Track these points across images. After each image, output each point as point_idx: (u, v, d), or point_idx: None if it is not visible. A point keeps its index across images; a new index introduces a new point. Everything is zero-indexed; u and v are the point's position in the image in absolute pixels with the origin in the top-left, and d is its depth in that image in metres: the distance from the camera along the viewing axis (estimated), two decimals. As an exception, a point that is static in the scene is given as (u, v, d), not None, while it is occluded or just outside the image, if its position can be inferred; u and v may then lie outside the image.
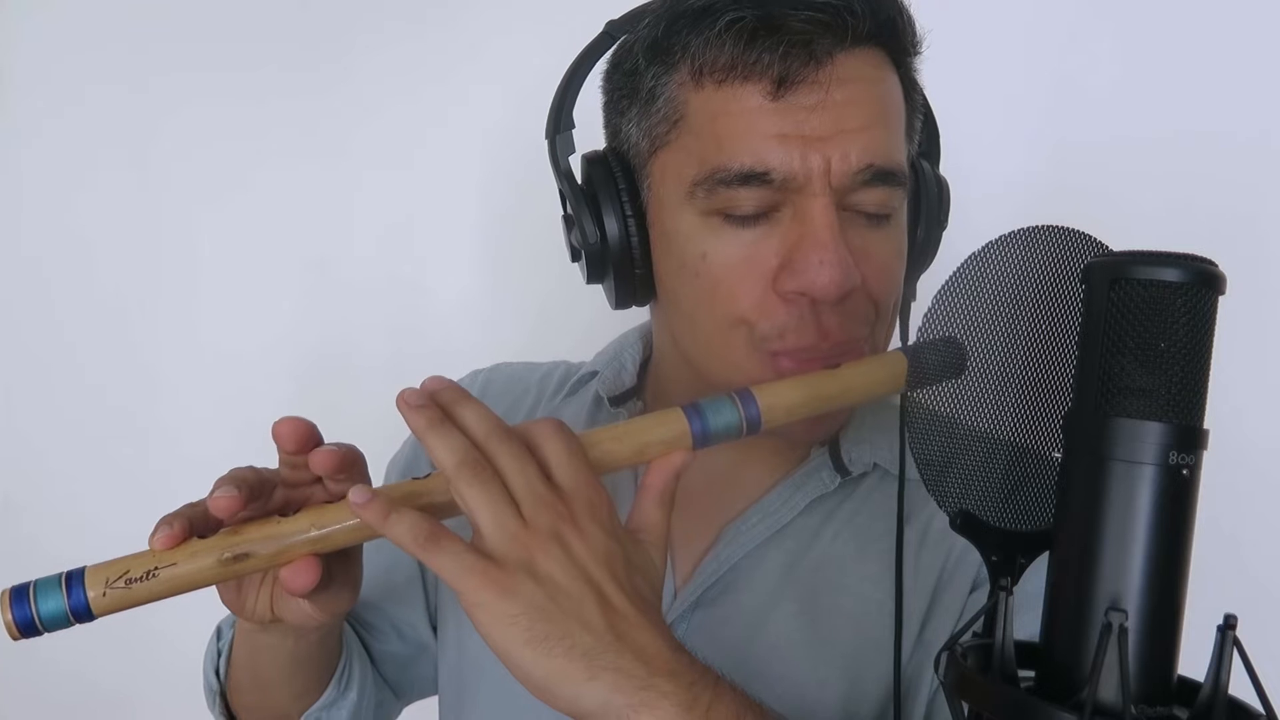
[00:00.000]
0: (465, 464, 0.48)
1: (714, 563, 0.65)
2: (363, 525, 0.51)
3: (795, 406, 0.56)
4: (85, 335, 1.41)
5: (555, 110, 0.65)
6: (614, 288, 0.64)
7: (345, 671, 0.69)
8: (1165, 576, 0.37)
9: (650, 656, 0.46)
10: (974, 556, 0.63)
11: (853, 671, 0.62)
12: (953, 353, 0.44)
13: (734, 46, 0.55)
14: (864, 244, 0.58)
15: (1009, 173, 1.03)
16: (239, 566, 0.51)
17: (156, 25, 1.35)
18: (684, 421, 0.53)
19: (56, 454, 1.42)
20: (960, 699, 0.39)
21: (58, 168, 1.41)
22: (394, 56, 1.25)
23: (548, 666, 0.44)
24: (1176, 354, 0.37)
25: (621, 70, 0.62)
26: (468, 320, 1.26)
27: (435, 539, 0.46)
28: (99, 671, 1.40)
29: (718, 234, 0.58)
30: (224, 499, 0.50)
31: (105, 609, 0.49)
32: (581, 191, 0.63)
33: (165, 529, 0.50)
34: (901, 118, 0.61)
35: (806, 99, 0.55)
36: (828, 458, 0.66)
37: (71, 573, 0.50)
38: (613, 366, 0.74)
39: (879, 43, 0.58)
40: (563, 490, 0.49)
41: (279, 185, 1.31)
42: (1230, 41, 0.98)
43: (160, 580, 0.50)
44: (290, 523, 0.52)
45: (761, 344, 0.59)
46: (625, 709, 0.44)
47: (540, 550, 0.46)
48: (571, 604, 0.46)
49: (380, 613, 0.76)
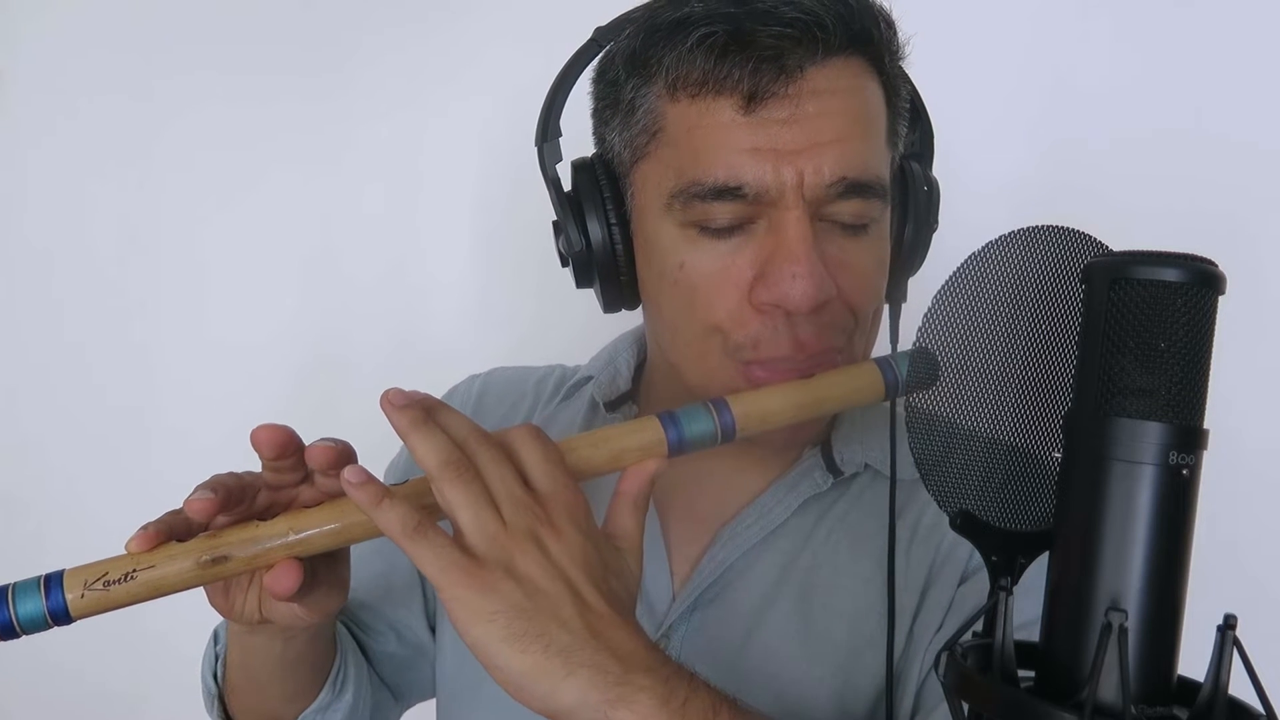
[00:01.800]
0: (449, 464, 0.48)
1: (710, 564, 0.65)
2: (339, 530, 0.52)
3: (770, 415, 0.57)
4: (88, 334, 1.42)
5: (544, 118, 0.65)
6: (601, 293, 0.65)
7: (340, 674, 0.69)
8: (1165, 576, 0.37)
9: (626, 654, 0.46)
10: (962, 551, 0.64)
11: (847, 667, 0.63)
12: (925, 364, 0.44)
13: (705, 61, 0.56)
14: (841, 254, 0.58)
15: (1004, 172, 1.03)
16: (217, 570, 0.51)
17: (160, 28, 1.35)
18: (659, 429, 0.54)
19: (59, 452, 1.42)
20: (960, 699, 0.39)
21: (61, 168, 1.42)
22: (393, 60, 1.26)
23: (525, 663, 0.45)
24: (1176, 354, 0.37)
25: (605, 80, 0.63)
26: (465, 321, 1.26)
27: (422, 531, 0.47)
28: (103, 673, 1.40)
29: (694, 245, 0.59)
30: (199, 502, 0.51)
31: (83, 611, 0.50)
32: (568, 198, 0.63)
33: (142, 533, 0.51)
34: (881, 126, 0.60)
35: (778, 113, 0.56)
36: (820, 458, 0.67)
37: (50, 575, 0.50)
38: (608, 371, 0.74)
39: (854, 52, 0.58)
40: (540, 493, 0.50)
41: (279, 187, 1.32)
42: (1226, 41, 0.97)
43: (138, 583, 0.50)
44: (268, 526, 0.52)
45: (735, 353, 0.59)
46: (602, 704, 0.45)
47: (518, 550, 0.47)
48: (548, 603, 0.46)
49: (378, 614, 0.76)
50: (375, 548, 0.76)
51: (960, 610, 0.62)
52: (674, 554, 0.68)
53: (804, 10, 0.55)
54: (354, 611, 0.76)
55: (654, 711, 0.45)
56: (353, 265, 1.30)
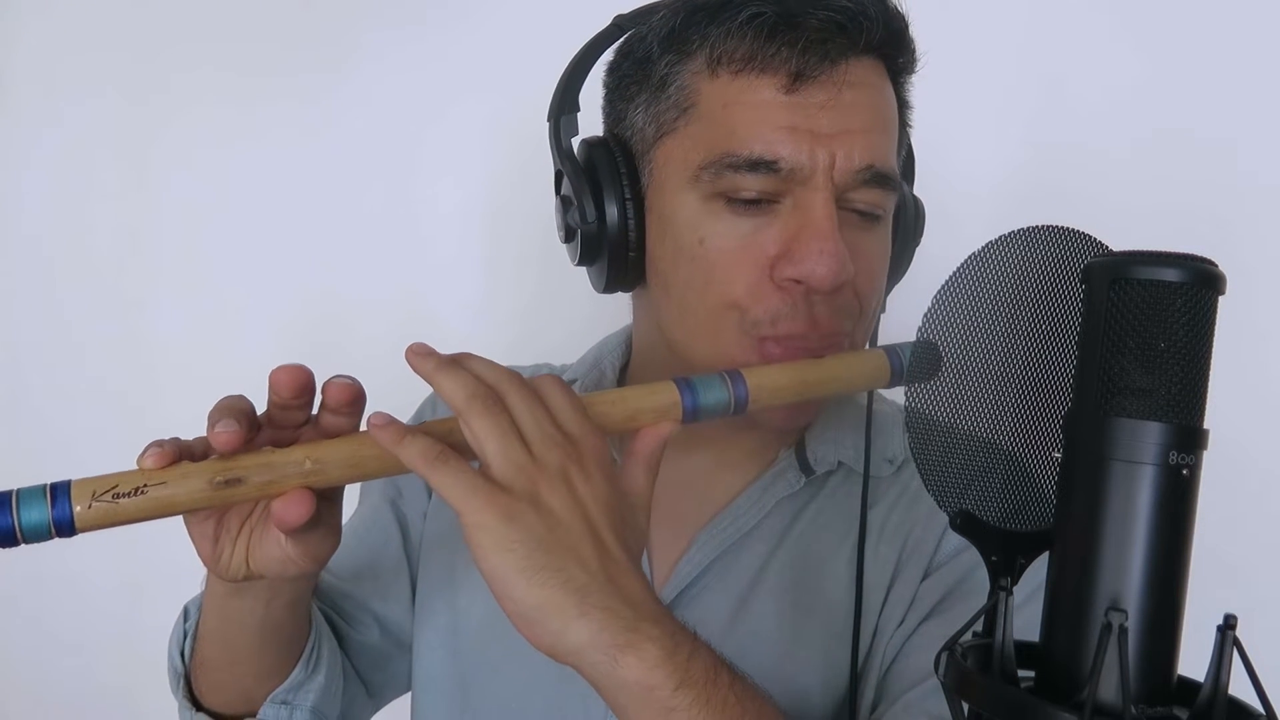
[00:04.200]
0: (476, 397, 0.49)
1: (686, 567, 0.66)
2: (358, 461, 0.51)
3: (781, 390, 0.57)
4: (87, 333, 1.42)
5: (560, 92, 0.66)
6: (605, 270, 0.65)
7: (314, 652, 0.67)
8: (1165, 576, 0.37)
9: (637, 602, 0.47)
10: (927, 547, 0.65)
11: (821, 663, 0.64)
12: (929, 355, 0.45)
13: (754, 39, 0.58)
14: (855, 241, 0.60)
15: (995, 176, 1.03)
16: (230, 492, 0.50)
17: (158, 26, 1.35)
18: (675, 393, 0.55)
19: (58, 451, 1.42)
20: (960, 699, 0.39)
21: (61, 167, 1.42)
22: (393, 58, 1.26)
23: (540, 596, 0.45)
24: (1176, 354, 0.37)
25: (632, 58, 0.64)
26: (465, 319, 1.26)
27: (445, 457, 0.47)
28: (103, 673, 1.40)
29: (717, 219, 0.60)
30: (225, 434, 0.49)
31: (89, 524, 0.48)
32: (582, 172, 0.64)
33: (156, 449, 0.49)
34: (896, 129, 0.63)
35: (818, 96, 0.58)
36: (794, 459, 0.68)
37: (57, 484, 0.48)
38: (592, 374, 0.75)
39: (883, 55, 0.61)
40: (571, 435, 0.50)
41: (278, 186, 1.32)
42: (1217, 42, 0.97)
43: (149, 498, 0.48)
44: (285, 453, 0.51)
45: (752, 329, 0.60)
46: (611, 648, 0.45)
47: (545, 484, 0.47)
48: (570, 539, 0.47)
49: (362, 604, 0.75)
50: (361, 537, 0.77)
51: (922, 605, 0.63)
52: (655, 558, 0.68)
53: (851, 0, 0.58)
54: (336, 600, 0.75)
55: (660, 662, 0.45)
56: (352, 262, 1.30)
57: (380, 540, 0.77)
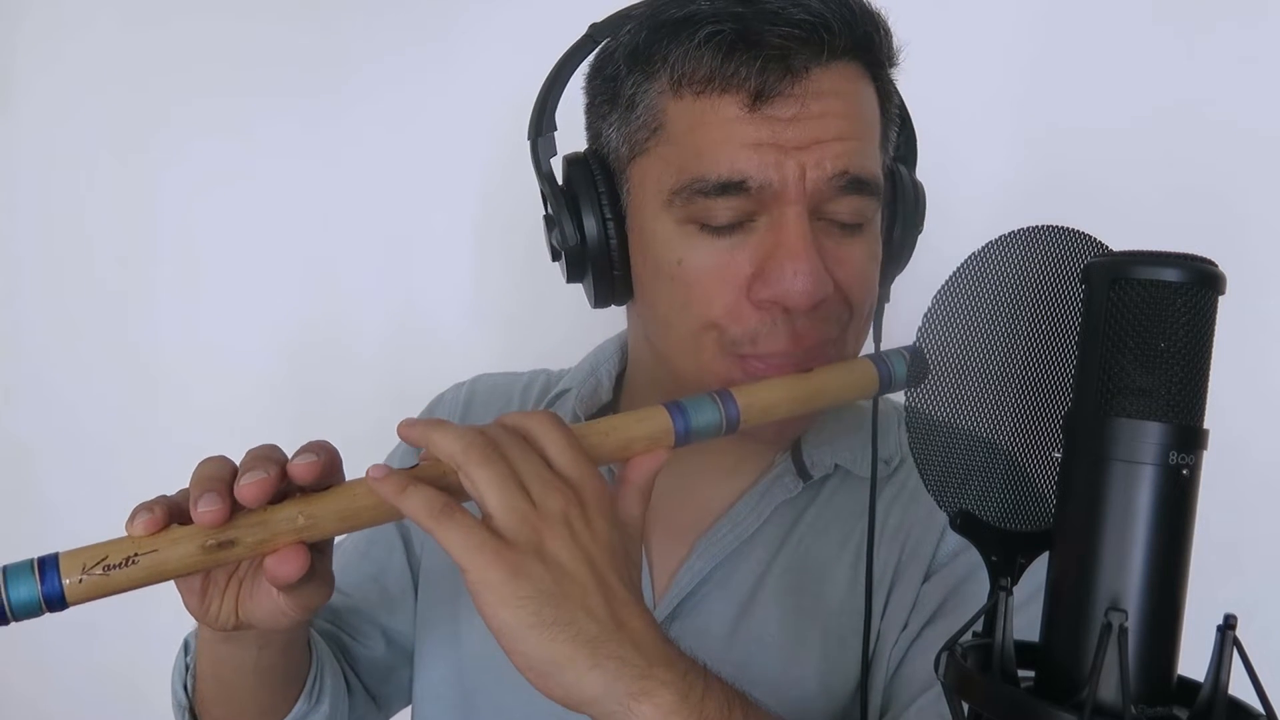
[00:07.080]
0: (474, 446, 0.48)
1: (686, 576, 0.66)
2: (351, 514, 0.51)
3: (772, 407, 0.57)
4: (86, 331, 1.42)
5: (537, 112, 0.65)
6: (593, 287, 0.65)
7: (316, 684, 0.67)
8: (1165, 576, 0.37)
9: (647, 646, 0.46)
10: (926, 549, 0.65)
11: (825, 669, 0.63)
12: (916, 362, 0.45)
13: (712, 59, 0.56)
14: (838, 250, 0.59)
15: (992, 170, 1.03)
16: (223, 554, 0.49)
17: (159, 26, 1.35)
18: (667, 419, 0.55)
19: (58, 450, 1.42)
20: (960, 699, 0.39)
21: (60, 166, 1.42)
22: (391, 60, 1.26)
23: (551, 651, 0.45)
24: (1176, 354, 0.37)
25: (603, 75, 0.63)
26: (462, 319, 1.26)
27: (449, 511, 0.47)
28: (103, 673, 1.40)
29: (693, 242, 0.59)
30: (209, 512, 0.48)
31: (80, 597, 0.47)
32: (562, 193, 0.63)
33: (145, 514, 0.48)
34: (876, 129, 0.61)
35: (783, 111, 0.56)
36: (790, 464, 0.67)
37: (45, 558, 0.47)
38: (589, 383, 0.74)
39: (855, 57, 0.59)
40: (569, 479, 0.49)
41: (276, 186, 1.32)
42: (1223, 37, 0.97)
43: (140, 567, 0.47)
44: (277, 510, 0.50)
45: (732, 347, 0.60)
46: (625, 697, 0.45)
47: (549, 533, 0.47)
48: (577, 590, 0.46)
49: (368, 618, 0.75)
50: (365, 551, 0.77)
51: (925, 608, 0.63)
52: (655, 568, 0.68)
53: (811, 13, 0.56)
54: (342, 615, 0.75)
55: (675, 706, 0.45)
56: (349, 263, 1.30)
57: (384, 554, 0.77)
